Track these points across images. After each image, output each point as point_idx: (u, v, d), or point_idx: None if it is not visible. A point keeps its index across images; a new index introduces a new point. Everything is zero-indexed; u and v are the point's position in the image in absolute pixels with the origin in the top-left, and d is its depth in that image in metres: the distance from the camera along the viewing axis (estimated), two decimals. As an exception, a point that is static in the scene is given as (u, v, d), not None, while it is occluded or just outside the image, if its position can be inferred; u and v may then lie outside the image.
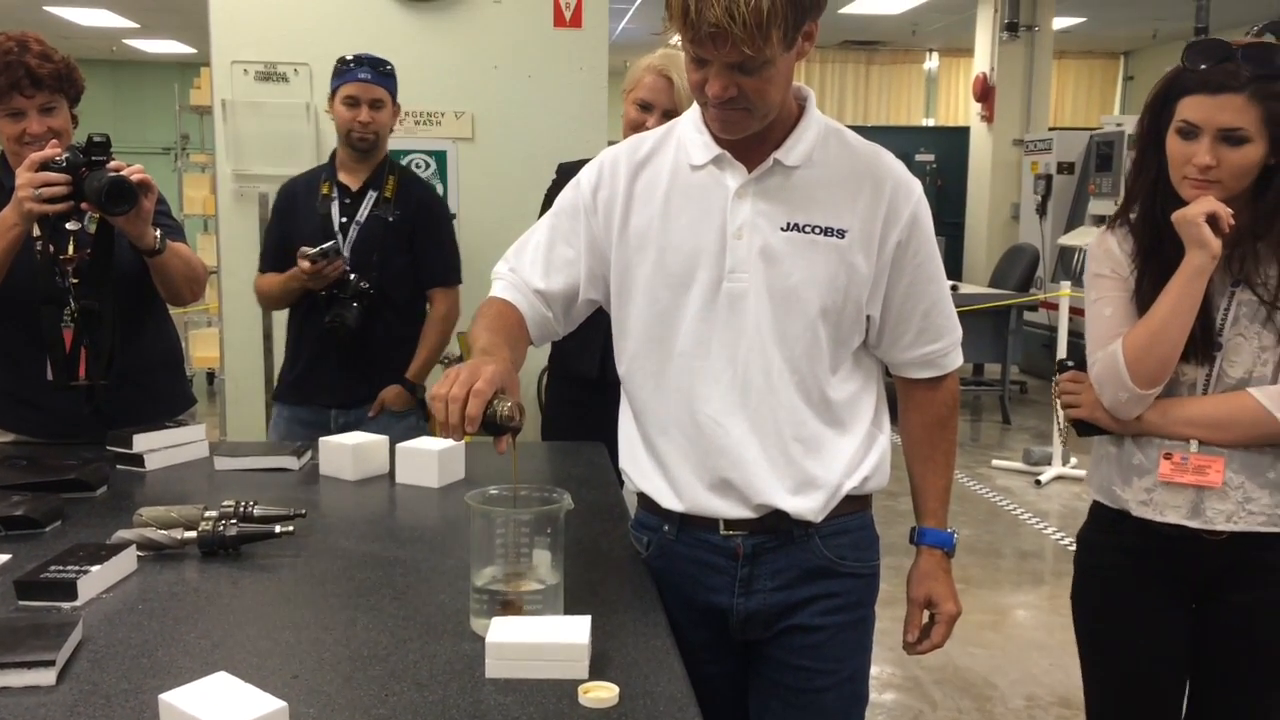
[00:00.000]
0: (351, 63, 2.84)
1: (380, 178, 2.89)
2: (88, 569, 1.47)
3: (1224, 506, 1.73)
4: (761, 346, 1.52)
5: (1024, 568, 4.53)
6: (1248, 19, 9.38)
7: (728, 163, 1.52)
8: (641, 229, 1.56)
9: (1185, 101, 1.68)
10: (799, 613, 1.59)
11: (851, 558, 1.61)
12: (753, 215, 1.51)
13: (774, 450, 1.54)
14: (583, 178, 1.61)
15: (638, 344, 1.59)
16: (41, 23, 10.43)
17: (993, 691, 3.40)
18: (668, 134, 1.61)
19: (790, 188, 1.52)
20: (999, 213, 10.00)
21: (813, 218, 1.51)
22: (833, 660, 1.61)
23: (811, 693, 1.61)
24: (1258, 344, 1.73)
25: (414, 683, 1.25)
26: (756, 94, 1.42)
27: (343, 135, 2.85)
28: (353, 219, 2.85)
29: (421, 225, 2.93)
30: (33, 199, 2.03)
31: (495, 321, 1.57)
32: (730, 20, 1.31)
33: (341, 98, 2.82)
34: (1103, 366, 1.78)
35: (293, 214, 2.90)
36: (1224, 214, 1.67)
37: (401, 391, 2.95)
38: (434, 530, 1.84)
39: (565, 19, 3.87)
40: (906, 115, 13.91)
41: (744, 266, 1.51)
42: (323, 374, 2.88)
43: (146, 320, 2.41)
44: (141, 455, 2.11)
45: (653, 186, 1.56)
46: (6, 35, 2.19)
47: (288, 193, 2.95)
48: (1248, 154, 1.66)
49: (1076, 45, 12.97)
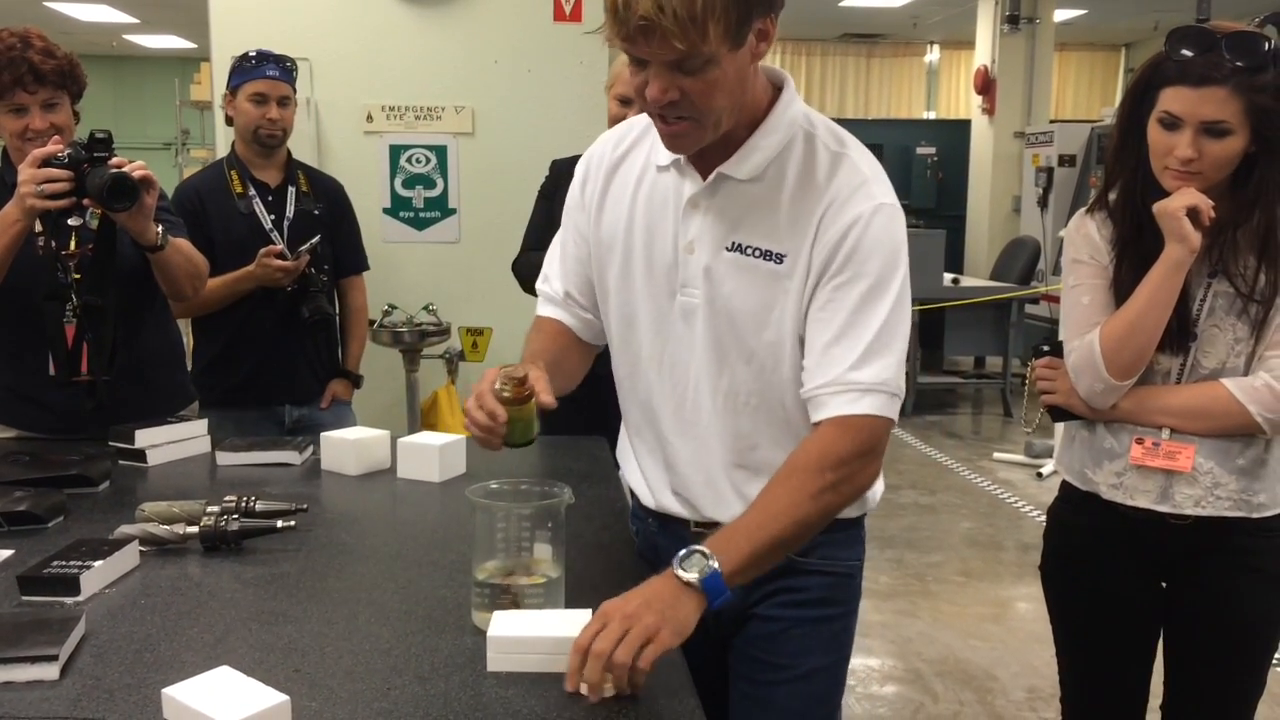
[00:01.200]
0: (256, 59, 2.82)
1: (293, 173, 2.94)
2: (90, 564, 1.48)
3: (1192, 491, 1.75)
4: (709, 366, 1.46)
5: (1025, 560, 4.53)
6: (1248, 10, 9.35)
7: (685, 169, 1.44)
8: (610, 229, 1.53)
9: (1167, 92, 1.67)
10: (759, 604, 1.55)
11: (816, 555, 1.52)
12: (701, 230, 1.43)
13: (717, 475, 1.51)
14: (576, 172, 1.61)
15: (615, 345, 1.59)
16: (42, 18, 10.42)
17: (994, 683, 3.41)
18: (649, 127, 1.49)
19: (738, 203, 1.41)
20: (1000, 205, 9.99)
21: (754, 239, 1.40)
22: (786, 655, 1.54)
23: (764, 685, 1.55)
24: (1232, 335, 1.74)
25: (416, 676, 1.25)
26: (701, 97, 1.29)
27: (249, 132, 2.83)
28: (282, 215, 2.88)
29: (338, 216, 3.01)
30: (35, 195, 2.03)
31: (535, 337, 1.60)
32: (659, 12, 1.20)
33: (248, 94, 2.81)
34: (1079, 356, 1.80)
35: (207, 216, 2.81)
36: (1205, 207, 1.67)
37: (347, 383, 3.06)
38: (435, 524, 1.84)
39: (565, 13, 3.86)
40: (907, 108, 13.88)
41: (694, 282, 1.44)
42: (276, 371, 2.88)
43: (148, 316, 2.41)
44: (143, 450, 2.11)
45: (624, 186, 1.52)
46: (10, 31, 2.18)
47: (191, 196, 2.86)
48: (1229, 146, 1.65)
49: (1077, 37, 12.94)
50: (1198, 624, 1.84)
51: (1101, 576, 1.89)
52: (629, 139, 1.55)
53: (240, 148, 2.90)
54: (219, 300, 2.79)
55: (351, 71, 3.79)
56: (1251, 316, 1.72)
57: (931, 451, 6.37)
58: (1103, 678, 1.93)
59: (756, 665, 1.56)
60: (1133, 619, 1.89)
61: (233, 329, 2.86)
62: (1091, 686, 1.95)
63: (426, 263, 3.16)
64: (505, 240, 2.85)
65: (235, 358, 2.88)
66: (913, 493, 5.42)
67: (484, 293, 3.73)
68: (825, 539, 1.48)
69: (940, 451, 6.37)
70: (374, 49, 3.80)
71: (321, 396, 2.98)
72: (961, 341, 7.40)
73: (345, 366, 3.07)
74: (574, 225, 1.61)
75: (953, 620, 3.90)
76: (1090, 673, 1.95)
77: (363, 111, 3.81)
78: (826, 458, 1.35)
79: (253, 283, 2.79)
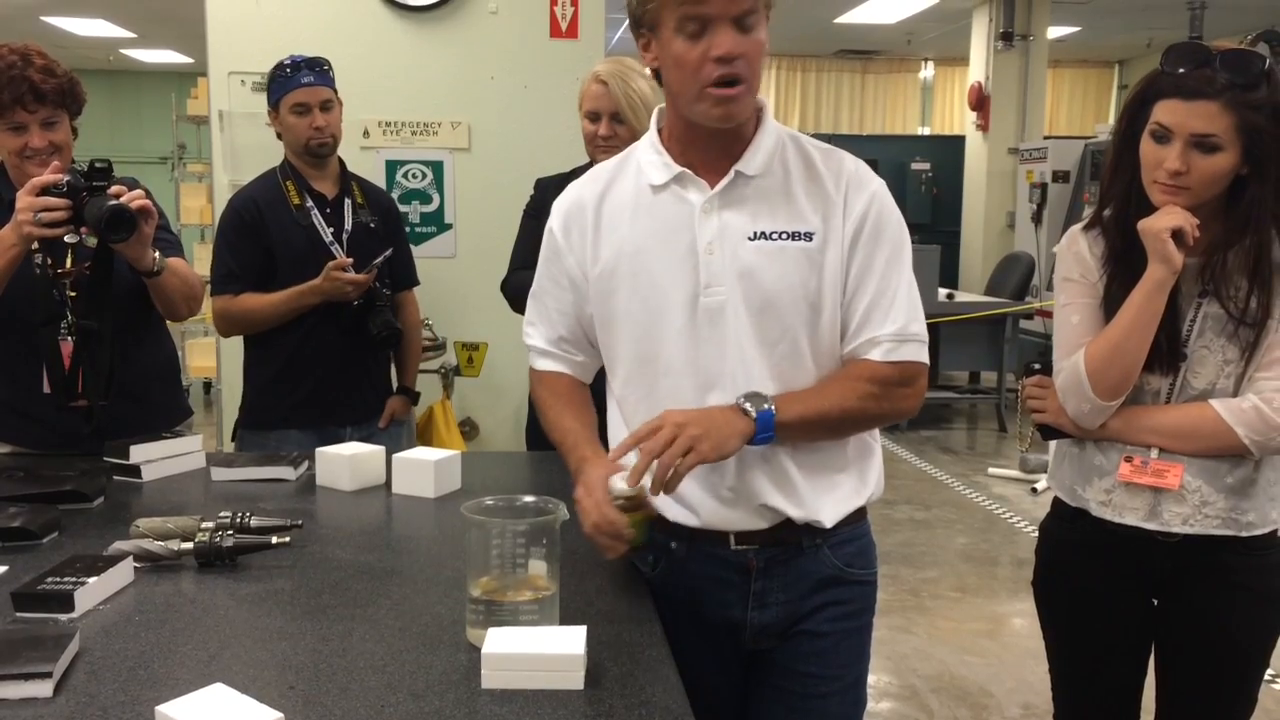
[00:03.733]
0: (291, 68, 2.72)
1: (349, 184, 2.87)
2: (84, 580, 1.48)
3: (1180, 510, 1.76)
4: (744, 358, 1.53)
5: (1020, 576, 4.53)
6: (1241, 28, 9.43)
7: (689, 180, 1.54)
8: (613, 258, 1.57)
9: (1160, 105, 1.69)
10: (808, 619, 1.61)
11: (858, 565, 1.63)
12: (720, 229, 1.52)
13: (771, 462, 1.55)
14: (553, 223, 1.64)
15: (628, 368, 1.60)
16: (39, 32, 10.43)
17: (989, 700, 3.41)
18: (624, 161, 1.62)
19: (754, 197, 1.53)
20: (994, 221, 10.02)
21: (778, 224, 1.52)
22: (837, 666, 1.63)
23: (816, 698, 1.62)
24: (1221, 357, 1.74)
25: (410, 693, 1.25)
26: (754, 57, 1.43)
27: (300, 145, 2.74)
28: (341, 228, 2.80)
29: (392, 229, 2.95)
30: (32, 223, 2.03)
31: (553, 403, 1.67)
32: None
33: (289, 107, 2.71)
34: (1066, 377, 1.81)
35: (266, 228, 2.73)
36: (1189, 228, 1.67)
37: (405, 400, 2.98)
38: (430, 541, 1.84)
39: (561, 30, 3.88)
40: (902, 124, 13.93)
41: (719, 280, 1.52)
42: (338, 390, 2.78)
43: (144, 334, 2.41)
44: (138, 466, 2.11)
45: (617, 214, 1.58)
46: (10, 48, 2.17)
47: (251, 207, 2.75)
48: (1218, 162, 1.66)
49: (1071, 54, 13.00)
50: (1187, 641, 1.84)
51: (1091, 592, 1.89)
52: (604, 176, 1.62)
53: (293, 160, 2.80)
54: (281, 316, 2.70)
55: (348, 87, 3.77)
56: (1241, 339, 1.72)
57: (926, 467, 6.38)
58: (1093, 692, 1.94)
59: (809, 680, 1.62)
60: (1122, 635, 1.89)
61: (293, 346, 2.74)
62: (1082, 701, 1.96)
63: (422, 277, 3.16)
64: (501, 256, 2.85)
65: (296, 376, 2.76)
66: (908, 508, 5.42)
67: (479, 308, 3.73)
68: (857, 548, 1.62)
69: (935, 467, 6.37)
70: (371, 64, 3.81)
71: (380, 416, 2.89)
72: (956, 356, 7.42)
73: (404, 383, 3.00)
74: (553, 276, 1.65)
75: (948, 636, 3.90)
76: (1081, 687, 1.95)
77: (359, 127, 3.82)
78: (874, 376, 1.54)
79: (319, 297, 2.67)
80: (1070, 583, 1.92)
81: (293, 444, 2.64)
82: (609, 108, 2.50)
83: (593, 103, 2.53)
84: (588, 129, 2.56)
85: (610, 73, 2.52)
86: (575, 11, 3.88)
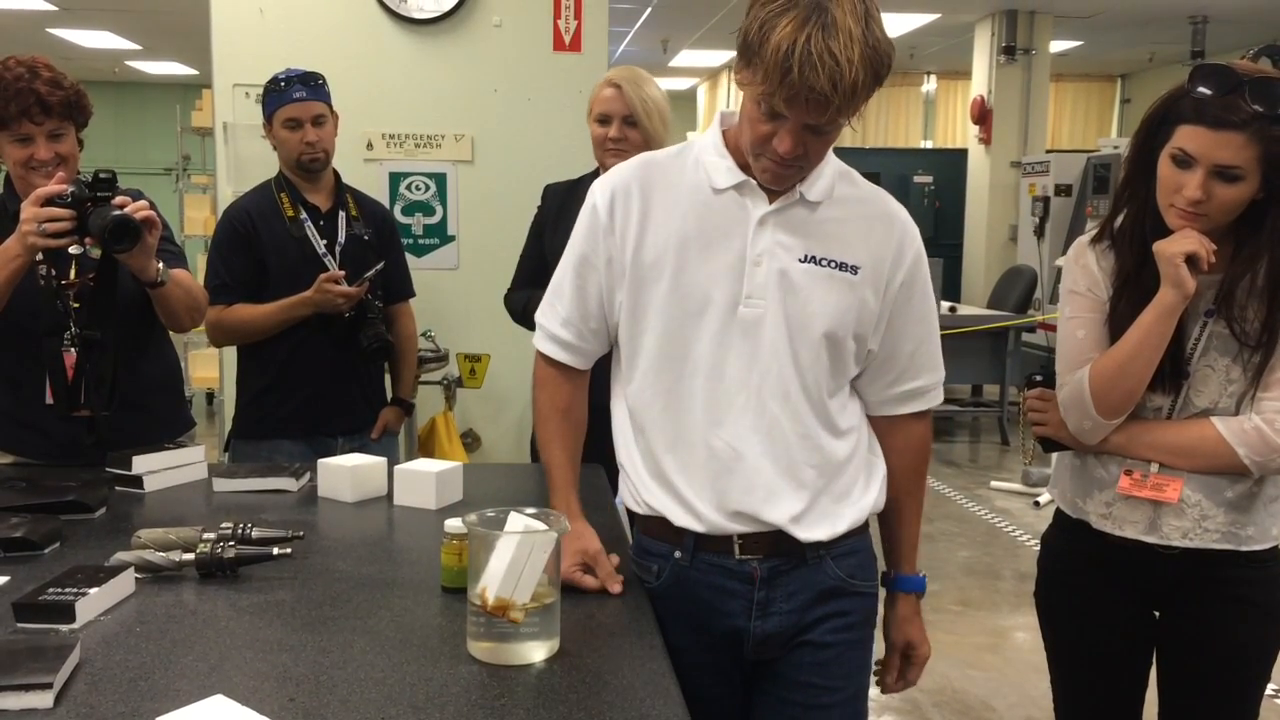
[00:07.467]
0: (283, 83, 2.72)
1: (343, 196, 2.87)
2: (86, 591, 1.48)
3: (1180, 523, 1.75)
4: (778, 371, 1.55)
5: (1023, 589, 4.52)
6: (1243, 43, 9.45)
7: (751, 190, 1.55)
8: (658, 249, 1.57)
9: (1184, 130, 1.65)
10: (810, 630, 1.61)
11: (860, 577, 1.65)
12: (772, 244, 1.54)
13: (789, 476, 1.56)
14: (597, 200, 1.62)
15: (650, 362, 1.59)
16: (44, 44, 10.47)
17: (990, 714, 3.40)
18: (681, 155, 1.62)
19: (810, 221, 1.56)
20: (997, 234, 10.02)
21: (830, 252, 1.56)
22: (839, 677, 1.64)
23: (818, 709, 1.62)
24: (1224, 376, 1.74)
25: (410, 706, 1.25)
26: (817, 155, 1.49)
27: (291, 159, 2.75)
28: (334, 240, 2.81)
29: (386, 241, 2.94)
30: (37, 234, 2.04)
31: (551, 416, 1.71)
32: (833, 90, 1.35)
33: (282, 121, 2.72)
34: (1069, 393, 1.80)
35: (259, 240, 2.74)
36: (1204, 253, 1.65)
37: (399, 411, 2.98)
38: (432, 553, 1.83)
39: (565, 43, 3.89)
40: (904, 137, 13.95)
41: (761, 292, 1.54)
42: (330, 401, 2.79)
43: (147, 345, 2.41)
44: (140, 477, 2.11)
45: (669, 208, 1.58)
46: (17, 60, 2.18)
47: (244, 218, 2.76)
48: (1239, 191, 1.64)
49: (1073, 68, 13.02)
50: (1188, 654, 1.84)
51: (1093, 604, 1.89)
52: (659, 165, 1.62)
53: (287, 173, 2.81)
54: (273, 327, 2.72)
55: (352, 99, 3.81)
56: (1246, 361, 1.71)
57: (929, 480, 6.35)
58: (1095, 704, 1.93)
59: (811, 691, 1.62)
60: (1124, 647, 1.89)
61: (285, 357, 2.75)
62: (1083, 713, 1.95)
63: (425, 289, 3.17)
64: (504, 267, 2.85)
65: (287, 387, 2.77)
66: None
67: (482, 319, 3.73)
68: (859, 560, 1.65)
69: (938, 480, 6.36)
70: (375, 77, 3.82)
71: (373, 427, 2.89)
72: (959, 370, 7.40)
73: (399, 394, 3.01)
74: (585, 255, 1.63)
75: (950, 649, 3.89)
76: (1082, 699, 1.95)
77: (363, 139, 3.83)
78: (928, 448, 1.74)
79: (310, 309, 2.69)
80: (1071, 594, 1.92)
81: (284, 454, 2.67)
82: (621, 111, 2.52)
83: (604, 106, 2.55)
84: (597, 132, 2.57)
85: (623, 78, 2.55)
86: (578, 25, 3.89)
